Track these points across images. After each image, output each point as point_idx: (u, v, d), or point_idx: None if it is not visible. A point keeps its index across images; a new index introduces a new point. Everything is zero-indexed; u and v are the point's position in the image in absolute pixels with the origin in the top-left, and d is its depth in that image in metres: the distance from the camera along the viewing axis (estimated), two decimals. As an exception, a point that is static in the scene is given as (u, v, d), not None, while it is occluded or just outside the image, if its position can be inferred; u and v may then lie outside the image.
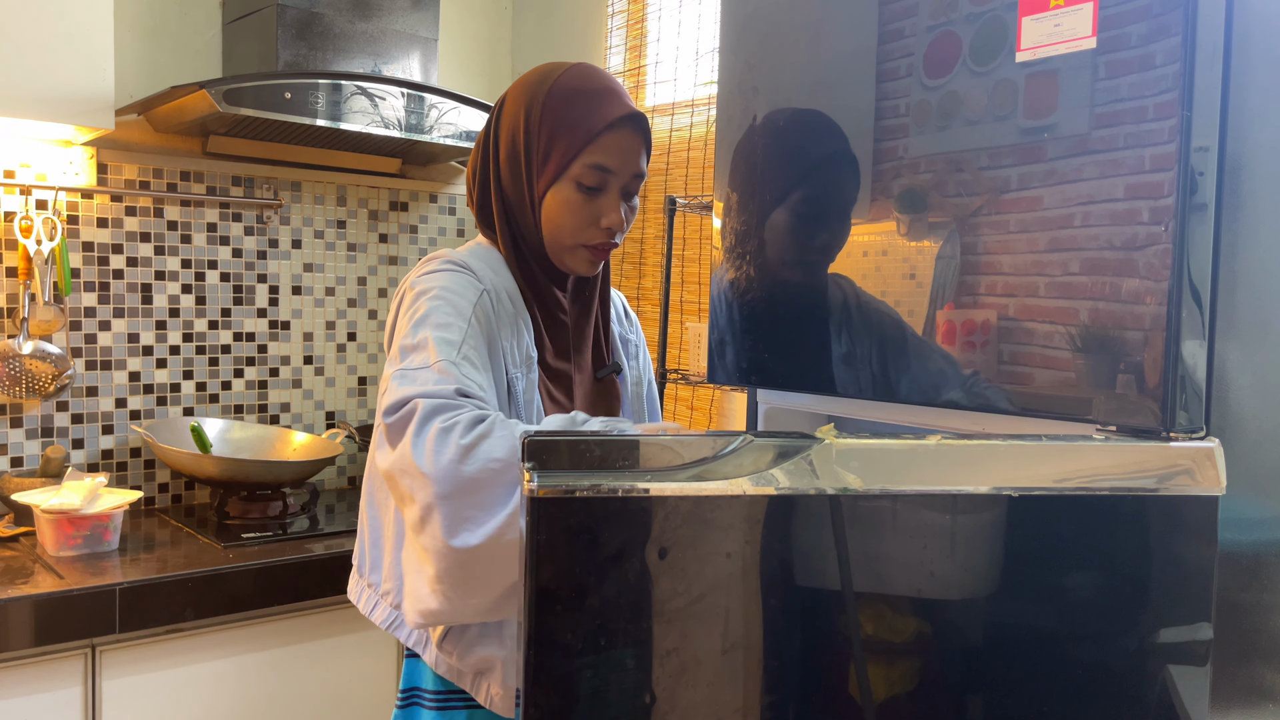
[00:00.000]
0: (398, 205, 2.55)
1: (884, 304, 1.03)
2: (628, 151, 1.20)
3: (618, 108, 1.20)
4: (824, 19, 1.08)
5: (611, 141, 1.19)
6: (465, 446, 0.97)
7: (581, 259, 1.23)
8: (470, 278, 1.18)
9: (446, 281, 1.16)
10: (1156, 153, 0.81)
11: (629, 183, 1.22)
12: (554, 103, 1.19)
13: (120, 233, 2.16)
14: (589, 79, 1.21)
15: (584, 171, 1.18)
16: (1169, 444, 0.80)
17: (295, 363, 2.41)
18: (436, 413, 1.00)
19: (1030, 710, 0.79)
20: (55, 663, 1.59)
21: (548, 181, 1.20)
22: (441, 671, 1.18)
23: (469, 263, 1.20)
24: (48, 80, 1.79)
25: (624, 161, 1.20)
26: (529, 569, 0.69)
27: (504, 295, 1.20)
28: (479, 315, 1.14)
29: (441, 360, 1.06)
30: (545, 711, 0.69)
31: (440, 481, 0.97)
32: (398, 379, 1.06)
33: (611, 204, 1.21)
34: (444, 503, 0.97)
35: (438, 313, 1.12)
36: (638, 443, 0.71)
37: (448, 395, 1.02)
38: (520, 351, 1.19)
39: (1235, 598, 0.88)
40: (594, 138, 1.18)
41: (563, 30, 2.61)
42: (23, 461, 2.06)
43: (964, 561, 0.78)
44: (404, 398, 1.03)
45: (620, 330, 1.39)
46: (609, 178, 1.20)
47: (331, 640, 1.86)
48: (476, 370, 1.08)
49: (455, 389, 1.03)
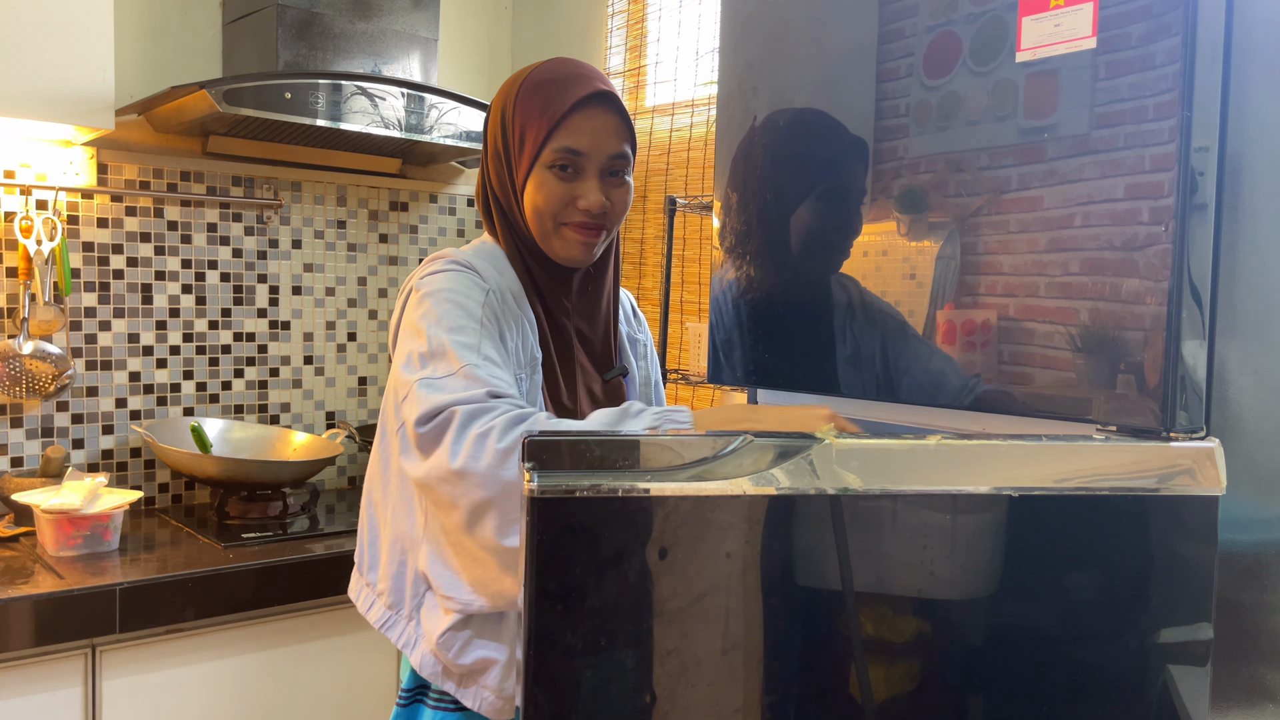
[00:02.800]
0: (398, 205, 2.55)
1: (888, 305, 1.03)
2: (598, 131, 1.19)
3: (580, 89, 1.19)
4: (824, 19, 1.08)
5: (578, 123, 1.18)
6: (503, 451, 0.98)
7: (570, 243, 1.21)
8: (474, 277, 1.18)
9: (452, 283, 1.16)
10: (1156, 153, 0.81)
11: (607, 163, 1.20)
12: (524, 95, 1.20)
13: (120, 233, 2.16)
14: (557, 68, 1.22)
15: (554, 156, 1.18)
16: (1169, 444, 0.80)
17: (295, 363, 2.41)
18: (473, 418, 1.00)
19: (1030, 710, 0.79)
20: (55, 663, 1.59)
21: (524, 172, 1.20)
22: (426, 674, 1.16)
23: (473, 262, 1.20)
24: (48, 80, 1.79)
25: (595, 141, 1.19)
26: (529, 569, 0.69)
27: (508, 295, 1.20)
28: (488, 315, 1.14)
29: (465, 365, 1.06)
30: (545, 712, 0.69)
31: (484, 486, 0.98)
32: (425, 388, 1.05)
33: (589, 186, 1.19)
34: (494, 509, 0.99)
35: (449, 316, 1.11)
36: (638, 443, 0.71)
37: (480, 399, 1.02)
38: (525, 352, 1.19)
39: (1235, 598, 0.88)
40: (559, 122, 1.17)
41: (563, 30, 2.61)
42: (23, 461, 2.06)
43: (964, 561, 0.78)
44: (437, 406, 1.02)
45: (629, 330, 1.39)
46: (581, 159, 1.19)
47: (332, 640, 1.86)
48: (500, 368, 1.09)
49: (486, 391, 1.03)
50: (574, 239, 1.21)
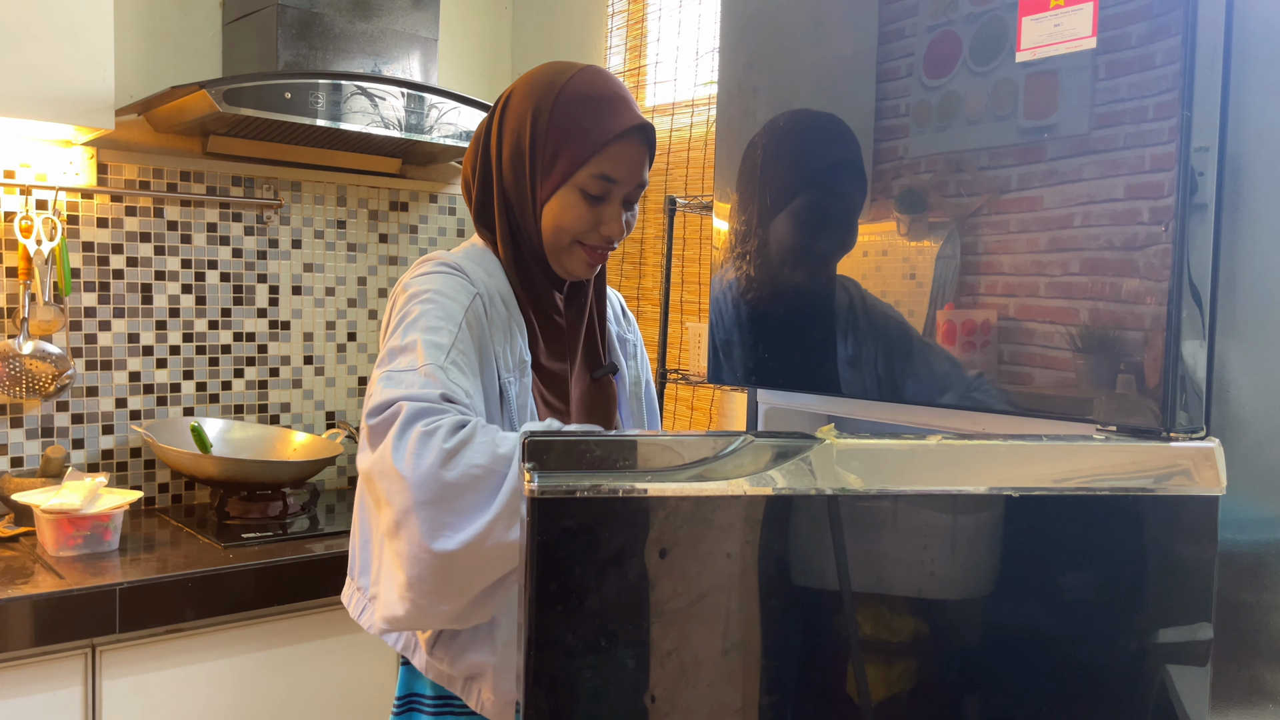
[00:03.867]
0: (398, 205, 2.55)
1: (889, 306, 1.03)
2: (633, 162, 1.20)
3: (627, 118, 1.19)
4: (824, 19, 1.08)
5: (619, 152, 1.19)
6: (448, 451, 0.96)
7: (579, 262, 1.23)
8: (463, 280, 1.17)
9: (439, 284, 1.16)
10: (1156, 153, 0.81)
11: (631, 192, 1.22)
12: (563, 107, 1.18)
13: (120, 233, 2.16)
14: (599, 85, 1.20)
15: (589, 180, 1.18)
16: (1169, 444, 0.80)
17: (295, 363, 2.41)
18: (420, 416, 0.99)
19: (1030, 710, 0.79)
20: (55, 663, 1.59)
21: (552, 186, 1.19)
22: (432, 677, 1.17)
23: (462, 265, 1.20)
24: (48, 80, 1.79)
25: (629, 172, 1.20)
26: (529, 569, 0.69)
27: (497, 299, 1.20)
28: (470, 320, 1.14)
29: (429, 364, 1.05)
30: (545, 712, 0.69)
31: (420, 486, 0.96)
32: (384, 381, 1.06)
33: (613, 213, 1.21)
34: (423, 508, 0.96)
35: (428, 316, 1.11)
36: (637, 443, 0.71)
37: (432, 399, 1.01)
38: (514, 355, 1.19)
39: (1235, 598, 0.88)
40: (602, 148, 1.17)
41: (563, 30, 2.61)
42: (23, 461, 2.06)
43: (964, 561, 0.78)
44: (388, 400, 1.02)
45: (618, 330, 1.39)
46: (613, 187, 1.20)
47: (331, 640, 1.86)
48: (463, 376, 1.08)
49: (440, 393, 1.02)
50: (583, 259, 1.23)
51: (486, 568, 0.98)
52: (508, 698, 1.14)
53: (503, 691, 1.14)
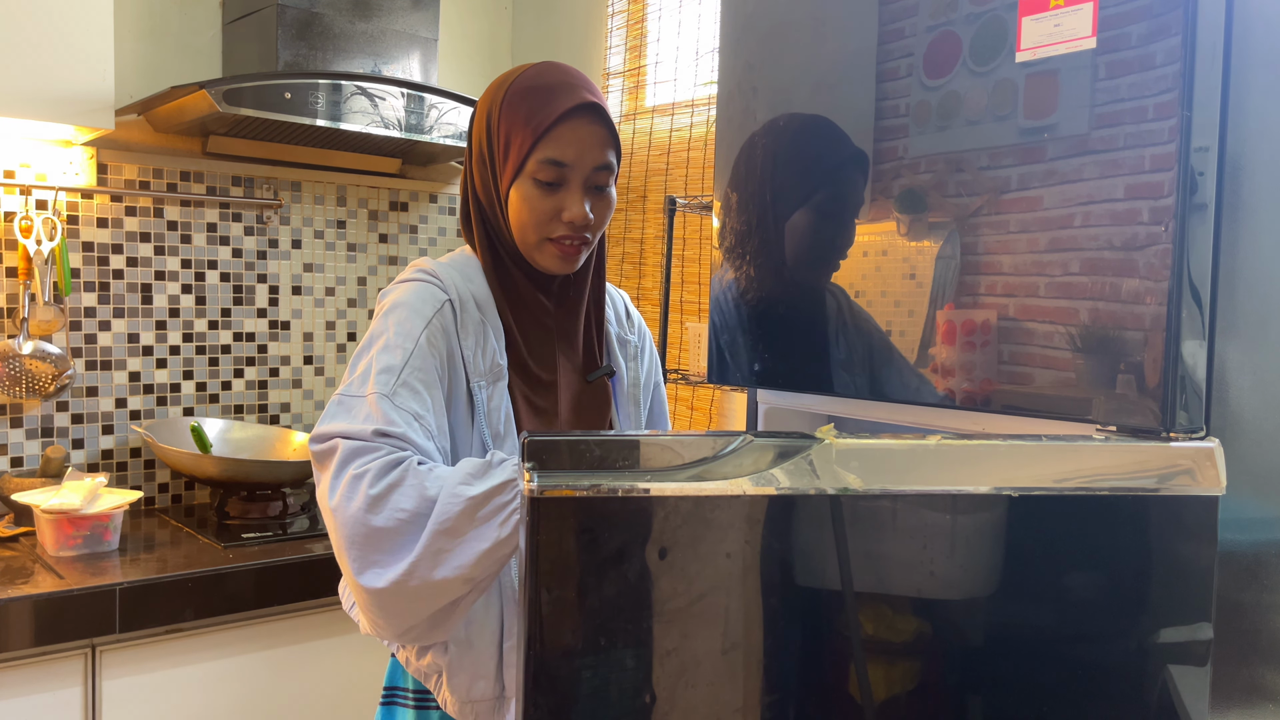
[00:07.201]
0: (398, 205, 2.55)
1: (870, 317, 1.04)
2: (584, 143, 1.18)
3: (567, 99, 1.17)
4: (824, 19, 1.08)
5: (564, 134, 1.17)
6: (374, 497, 1.01)
7: (550, 255, 1.21)
8: (435, 288, 1.18)
9: (408, 297, 1.18)
10: (1156, 153, 0.81)
11: (592, 175, 1.19)
12: (509, 102, 1.19)
13: (120, 233, 2.16)
14: (544, 75, 1.20)
15: (540, 167, 1.17)
16: (1169, 444, 0.80)
17: (295, 363, 2.41)
18: (353, 457, 1.04)
19: (1030, 710, 0.79)
20: (55, 663, 1.59)
21: (509, 180, 1.19)
22: (411, 670, 1.19)
23: (439, 272, 1.21)
24: (48, 80, 1.79)
25: (580, 153, 1.18)
26: (529, 569, 0.69)
27: (471, 303, 1.20)
28: (433, 332, 1.15)
29: (376, 392, 1.09)
30: (545, 711, 0.69)
31: (347, 526, 1.02)
32: (334, 404, 1.11)
33: (572, 198, 1.18)
34: (352, 547, 1.02)
35: (389, 332, 1.14)
36: (638, 442, 0.71)
37: (366, 437, 1.05)
38: (485, 359, 1.19)
39: (1235, 598, 0.88)
40: (544, 132, 1.17)
41: (563, 30, 2.61)
42: (23, 461, 2.06)
43: (964, 561, 0.78)
44: (329, 433, 1.07)
45: (619, 331, 1.36)
46: (566, 171, 1.18)
47: (331, 640, 1.86)
48: (414, 396, 1.10)
49: (374, 430, 1.05)
50: (553, 252, 1.21)
51: (420, 600, 1.02)
52: (464, 697, 1.16)
53: (458, 690, 1.16)
